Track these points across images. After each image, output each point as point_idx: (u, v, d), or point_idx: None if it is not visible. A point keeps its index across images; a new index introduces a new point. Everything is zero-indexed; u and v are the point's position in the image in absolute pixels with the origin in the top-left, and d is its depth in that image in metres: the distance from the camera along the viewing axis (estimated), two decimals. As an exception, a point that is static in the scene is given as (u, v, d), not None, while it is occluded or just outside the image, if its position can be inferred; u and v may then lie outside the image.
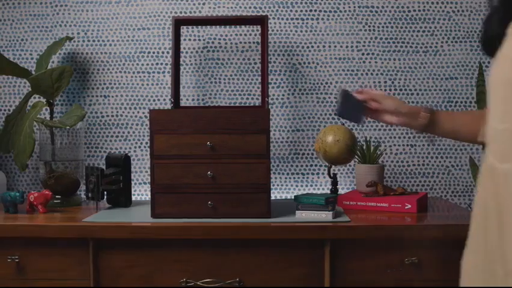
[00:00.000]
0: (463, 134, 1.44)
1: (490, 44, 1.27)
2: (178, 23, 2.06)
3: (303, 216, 1.71)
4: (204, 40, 2.21)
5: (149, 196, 2.17)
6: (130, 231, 1.64)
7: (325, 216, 1.70)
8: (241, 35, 2.21)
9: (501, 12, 1.22)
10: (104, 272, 1.66)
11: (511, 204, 1.15)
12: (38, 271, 1.67)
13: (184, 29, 2.20)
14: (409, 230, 1.62)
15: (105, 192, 1.93)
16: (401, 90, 2.20)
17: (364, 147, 2.02)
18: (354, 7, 2.20)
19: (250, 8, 2.20)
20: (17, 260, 1.66)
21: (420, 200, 1.83)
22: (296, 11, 2.20)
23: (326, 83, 2.20)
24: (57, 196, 2.00)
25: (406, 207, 1.80)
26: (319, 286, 1.64)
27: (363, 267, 1.63)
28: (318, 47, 2.20)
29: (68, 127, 1.96)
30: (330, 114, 2.20)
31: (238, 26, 2.20)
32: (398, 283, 1.63)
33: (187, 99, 2.21)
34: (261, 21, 2.04)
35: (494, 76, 1.21)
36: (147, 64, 2.22)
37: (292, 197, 2.12)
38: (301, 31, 2.21)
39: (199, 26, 2.20)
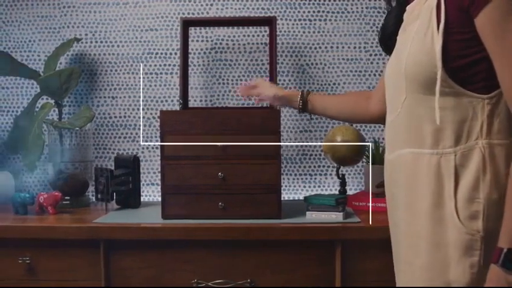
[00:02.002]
0: (333, 114, 1.64)
1: (386, 41, 1.34)
2: (186, 24, 2.06)
3: (313, 217, 1.71)
4: (211, 41, 2.22)
5: (158, 197, 2.18)
6: (141, 232, 1.64)
7: (335, 217, 1.70)
8: (249, 36, 2.21)
9: (396, 11, 1.29)
10: (115, 273, 1.66)
11: (393, 195, 1.23)
12: (49, 272, 1.68)
13: (191, 30, 2.20)
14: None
15: (114, 193, 1.93)
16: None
17: (372, 147, 2.02)
18: (362, 8, 2.20)
19: (257, 9, 2.20)
20: (28, 261, 1.67)
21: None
22: (304, 12, 2.20)
23: (334, 84, 2.20)
24: (66, 197, 1.99)
25: (416, 208, 1.80)
26: (330, 287, 1.64)
27: (374, 268, 1.63)
28: (325, 47, 2.20)
29: (77, 128, 1.97)
30: (338, 115, 2.20)
31: (246, 27, 2.20)
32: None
33: (195, 100, 2.21)
34: (269, 22, 2.04)
35: (386, 69, 1.30)
36: (155, 65, 2.22)
37: (301, 198, 2.13)
38: (309, 32, 2.21)
39: (207, 27, 2.20)
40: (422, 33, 1.14)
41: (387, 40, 1.35)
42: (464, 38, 1.11)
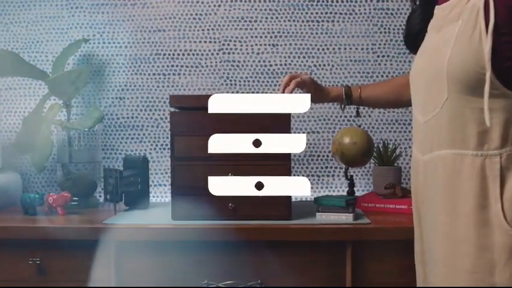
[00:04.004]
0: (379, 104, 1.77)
1: (413, 40, 1.33)
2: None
3: (323, 218, 1.71)
4: (219, 42, 2.22)
5: (166, 198, 2.18)
6: (152, 233, 1.64)
7: (345, 218, 1.70)
8: (256, 37, 2.21)
9: (422, 10, 1.28)
10: (125, 273, 1.66)
11: (426, 196, 1.22)
12: (60, 273, 1.67)
13: (199, 31, 2.21)
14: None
15: (123, 194, 1.93)
16: (416, 92, 2.20)
17: (381, 149, 2.02)
18: (370, 9, 2.20)
19: (265, 10, 2.20)
20: (38, 262, 1.66)
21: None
22: (312, 13, 2.20)
23: (342, 85, 2.20)
24: (74, 198, 1.99)
25: (425, 209, 1.80)
26: (340, 287, 1.64)
27: (385, 269, 1.64)
28: (333, 49, 2.21)
29: (86, 129, 1.97)
30: (346, 116, 2.21)
31: (253, 28, 2.21)
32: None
33: (203, 101, 2.21)
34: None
35: (416, 69, 1.29)
36: (163, 66, 2.23)
37: (308, 199, 2.13)
38: (316, 33, 2.21)
39: (215, 28, 2.21)
40: (467, 34, 1.11)
41: (414, 39, 1.33)
42: None
